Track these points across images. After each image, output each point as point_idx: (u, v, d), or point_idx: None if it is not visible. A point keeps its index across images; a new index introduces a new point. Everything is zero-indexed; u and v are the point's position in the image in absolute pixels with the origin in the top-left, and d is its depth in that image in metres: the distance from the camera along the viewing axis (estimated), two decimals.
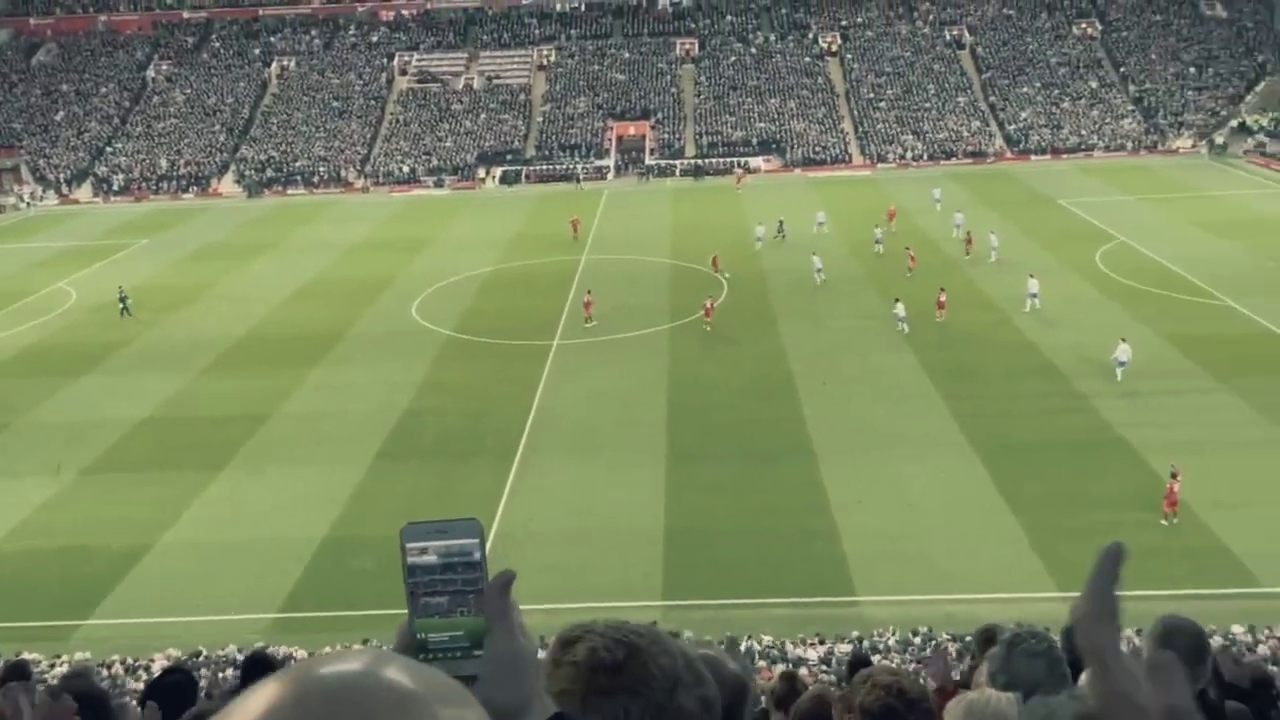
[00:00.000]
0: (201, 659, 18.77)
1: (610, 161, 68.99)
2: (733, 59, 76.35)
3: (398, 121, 73.60)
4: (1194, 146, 65.54)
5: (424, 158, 70.00)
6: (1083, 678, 3.96)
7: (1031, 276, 37.26)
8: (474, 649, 1.58)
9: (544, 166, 68.67)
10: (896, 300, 35.75)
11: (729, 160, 67.34)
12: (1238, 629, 18.15)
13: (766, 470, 26.38)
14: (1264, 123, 65.32)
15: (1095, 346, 32.88)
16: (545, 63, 77.93)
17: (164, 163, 70.29)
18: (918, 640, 18.63)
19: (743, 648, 18.25)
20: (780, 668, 16.19)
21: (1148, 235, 45.94)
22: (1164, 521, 22.57)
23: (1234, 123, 66.36)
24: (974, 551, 22.44)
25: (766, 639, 19.00)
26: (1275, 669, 10.47)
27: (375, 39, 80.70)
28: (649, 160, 68.62)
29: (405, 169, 69.17)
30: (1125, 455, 26.00)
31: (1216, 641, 16.23)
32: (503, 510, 25.02)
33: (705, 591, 21.56)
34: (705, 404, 30.66)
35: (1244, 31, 74.04)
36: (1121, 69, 72.61)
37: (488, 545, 1.68)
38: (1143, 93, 70.04)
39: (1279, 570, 20.97)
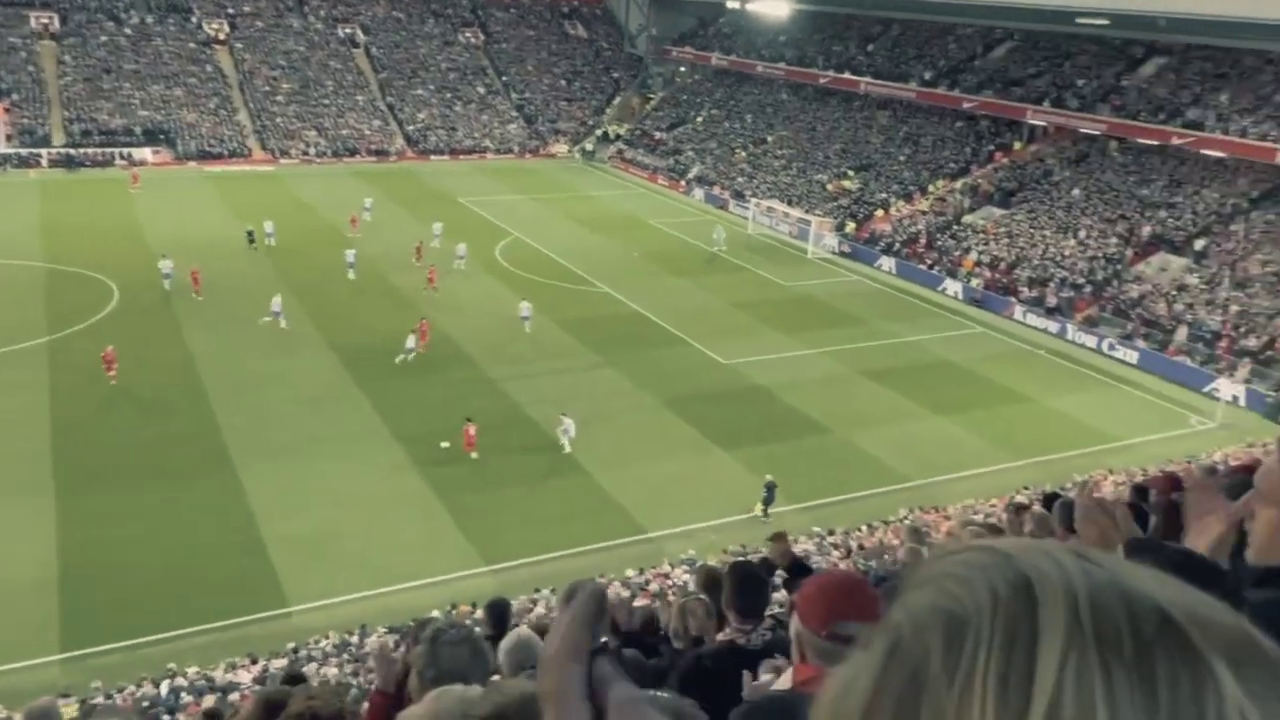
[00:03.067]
0: None
1: None
2: (104, 39, 68.42)
3: None
4: (569, 152, 73.53)
5: None
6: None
7: (525, 300, 37.00)
8: None
9: None
10: (409, 335, 33.09)
11: (110, 151, 60.42)
12: (631, 572, 20.90)
13: (180, 488, 24.31)
14: (621, 132, 75.49)
15: (498, 334, 35.59)
16: None
17: None
18: (355, 639, 18.57)
19: (164, 688, 16.70)
20: (210, 699, 15.09)
21: (536, 231, 50.59)
22: (473, 455, 26.23)
23: (599, 131, 75.75)
24: (405, 541, 22.94)
25: (192, 671, 17.55)
26: (658, 603, 12.21)
27: None
28: (5, 148, 58.93)
29: None
30: (532, 430, 28.49)
31: (616, 587, 18.50)
32: None
33: (115, 634, 19.23)
34: (100, 424, 27.30)
35: (601, 51, 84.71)
36: (504, 78, 78.76)
37: None
38: (523, 101, 76.80)
39: (658, 516, 24.58)
